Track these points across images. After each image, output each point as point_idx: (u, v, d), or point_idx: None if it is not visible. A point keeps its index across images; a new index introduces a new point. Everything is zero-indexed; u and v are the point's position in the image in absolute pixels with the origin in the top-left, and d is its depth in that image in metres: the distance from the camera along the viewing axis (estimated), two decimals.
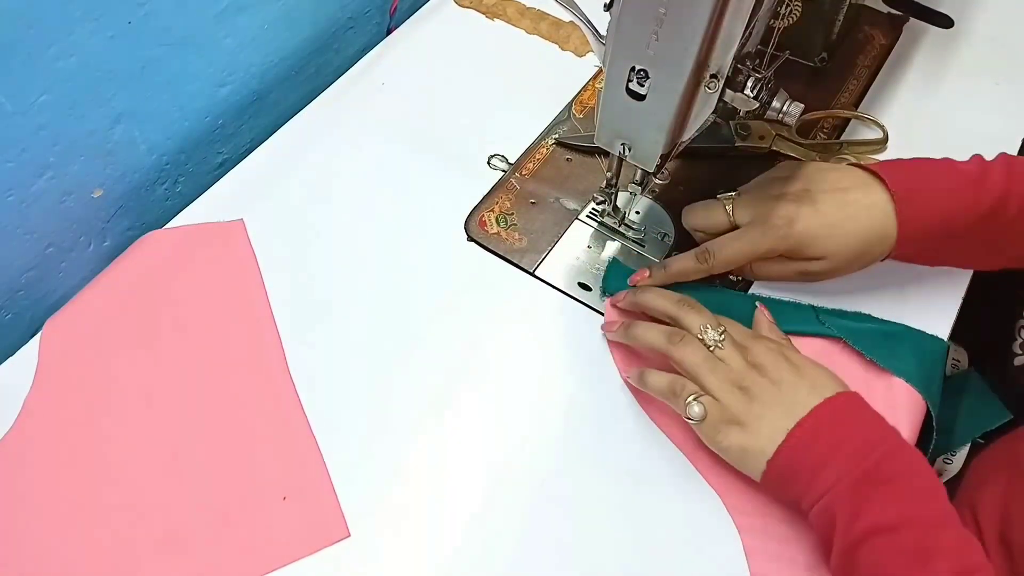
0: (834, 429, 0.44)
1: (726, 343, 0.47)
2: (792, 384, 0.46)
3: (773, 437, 0.44)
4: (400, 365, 0.54)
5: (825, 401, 0.44)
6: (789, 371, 0.46)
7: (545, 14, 0.74)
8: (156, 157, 0.62)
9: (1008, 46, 0.70)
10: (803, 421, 0.44)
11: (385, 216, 0.61)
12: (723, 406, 0.46)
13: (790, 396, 0.45)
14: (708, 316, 0.49)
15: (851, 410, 0.45)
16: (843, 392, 0.46)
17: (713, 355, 0.47)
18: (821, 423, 0.44)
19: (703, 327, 0.48)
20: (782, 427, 0.44)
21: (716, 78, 0.42)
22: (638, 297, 0.52)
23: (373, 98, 0.68)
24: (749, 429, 0.45)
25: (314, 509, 0.48)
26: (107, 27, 0.53)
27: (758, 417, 0.45)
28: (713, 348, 0.47)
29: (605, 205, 0.58)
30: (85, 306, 0.56)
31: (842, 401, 0.45)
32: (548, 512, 0.48)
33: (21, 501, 0.49)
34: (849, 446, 0.43)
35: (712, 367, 0.47)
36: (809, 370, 0.47)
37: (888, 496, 0.41)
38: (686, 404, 0.46)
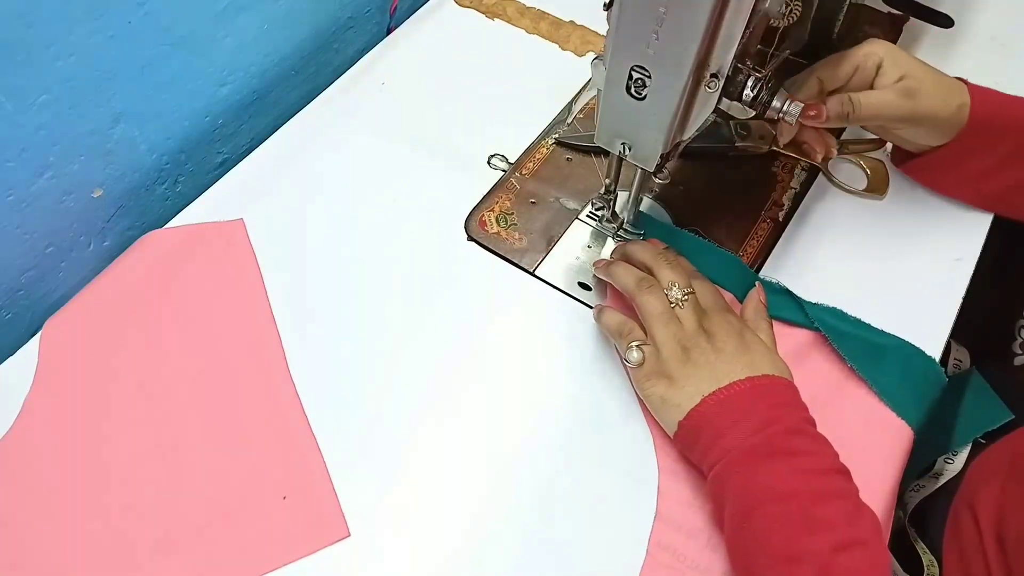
0: (743, 402, 0.45)
1: (688, 304, 0.49)
2: (731, 356, 0.47)
3: (692, 398, 0.46)
4: (400, 364, 0.54)
5: (748, 378, 0.46)
6: (735, 346, 0.48)
7: (545, 13, 0.74)
8: (156, 157, 0.62)
9: (1008, 46, 0.70)
10: (720, 390, 0.46)
11: (385, 215, 0.61)
12: (661, 359, 0.48)
13: (724, 367, 0.47)
14: (680, 274, 0.51)
15: (770, 390, 0.46)
16: (773, 375, 0.46)
17: (672, 311, 0.49)
18: (735, 394, 0.45)
19: (671, 283, 0.50)
20: (702, 390, 0.46)
21: (716, 78, 0.42)
22: (626, 248, 0.54)
23: (373, 98, 0.68)
24: (675, 385, 0.47)
25: (314, 509, 0.48)
26: (107, 27, 0.53)
27: (687, 376, 0.47)
28: (674, 305, 0.49)
29: (604, 211, 0.58)
30: (85, 306, 0.56)
31: (766, 381, 0.46)
32: (548, 512, 0.48)
33: (21, 501, 0.49)
34: (753, 419, 0.44)
35: (666, 321, 0.49)
36: (756, 350, 0.48)
37: (779, 468, 0.43)
38: (627, 347, 0.49)
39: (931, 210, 0.61)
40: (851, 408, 0.51)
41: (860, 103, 0.52)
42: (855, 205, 0.61)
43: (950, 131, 0.54)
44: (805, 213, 0.61)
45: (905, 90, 0.52)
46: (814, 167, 0.63)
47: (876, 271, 0.57)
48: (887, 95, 0.52)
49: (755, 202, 0.61)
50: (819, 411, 0.47)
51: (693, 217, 0.60)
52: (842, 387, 0.52)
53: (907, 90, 0.52)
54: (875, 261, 0.58)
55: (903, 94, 0.52)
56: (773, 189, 0.62)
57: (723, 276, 0.56)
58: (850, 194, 0.62)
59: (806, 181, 0.62)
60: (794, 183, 0.62)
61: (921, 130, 0.55)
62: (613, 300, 0.55)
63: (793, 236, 0.60)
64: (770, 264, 0.58)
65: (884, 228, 0.60)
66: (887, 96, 0.52)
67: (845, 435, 0.46)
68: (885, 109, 0.53)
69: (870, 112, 0.53)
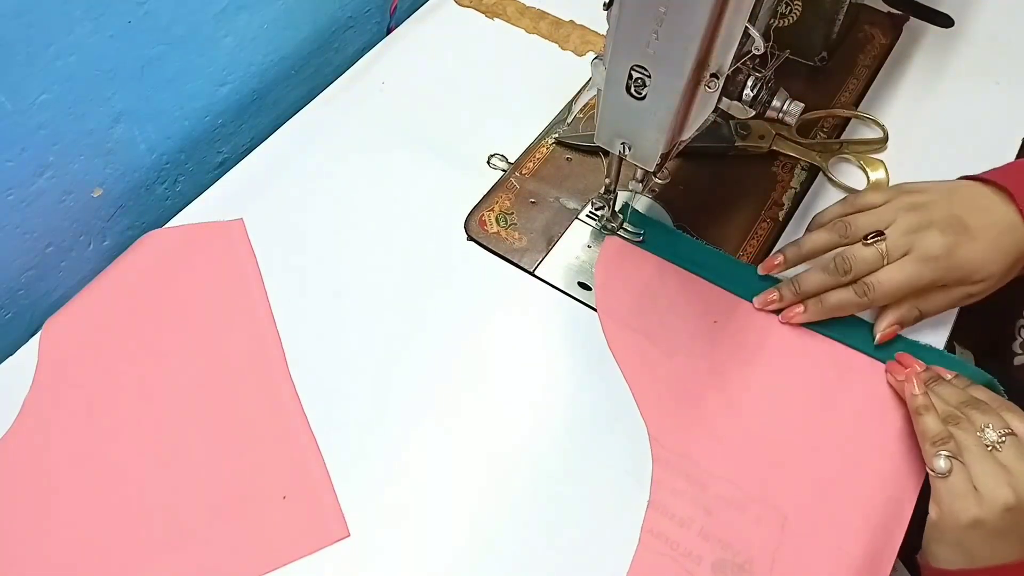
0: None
1: (1008, 447, 0.45)
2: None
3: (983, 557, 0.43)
4: (400, 364, 0.54)
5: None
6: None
7: (545, 13, 0.74)
8: (156, 156, 0.62)
9: (1008, 46, 0.70)
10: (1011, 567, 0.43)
11: (385, 215, 0.61)
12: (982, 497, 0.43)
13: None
14: (993, 414, 0.47)
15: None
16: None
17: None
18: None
19: (984, 425, 0.46)
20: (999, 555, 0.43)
21: (716, 77, 0.42)
22: (932, 387, 0.50)
23: (373, 97, 0.68)
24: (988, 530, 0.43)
25: (314, 508, 0.48)
26: (107, 26, 0.53)
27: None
28: (990, 448, 0.45)
29: (604, 211, 0.58)
30: (85, 306, 0.56)
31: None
32: (548, 512, 0.48)
33: (21, 501, 0.48)
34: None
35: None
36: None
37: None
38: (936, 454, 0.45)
39: None
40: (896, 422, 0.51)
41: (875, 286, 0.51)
42: None
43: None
44: (805, 213, 0.61)
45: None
46: (814, 167, 0.63)
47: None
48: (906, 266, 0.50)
49: (755, 202, 0.61)
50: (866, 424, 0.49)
51: (693, 217, 0.60)
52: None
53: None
54: None
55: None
56: (773, 189, 0.62)
57: (724, 277, 0.56)
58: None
59: (806, 181, 0.62)
60: (794, 183, 0.62)
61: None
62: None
63: (793, 236, 0.59)
64: None
65: None
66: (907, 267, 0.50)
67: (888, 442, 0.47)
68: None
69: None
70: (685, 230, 0.59)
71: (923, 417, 0.47)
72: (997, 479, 0.43)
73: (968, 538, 0.43)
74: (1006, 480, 0.43)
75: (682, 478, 0.49)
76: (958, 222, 0.50)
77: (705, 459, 0.49)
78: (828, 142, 0.64)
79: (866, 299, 0.51)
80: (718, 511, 0.47)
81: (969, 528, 0.43)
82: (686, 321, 0.55)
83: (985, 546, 0.43)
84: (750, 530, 0.47)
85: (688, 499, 0.48)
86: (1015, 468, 0.43)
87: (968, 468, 0.44)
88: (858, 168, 0.63)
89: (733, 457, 0.49)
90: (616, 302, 0.55)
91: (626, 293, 0.56)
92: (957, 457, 0.44)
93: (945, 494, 0.44)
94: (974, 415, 0.46)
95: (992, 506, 0.43)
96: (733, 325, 0.54)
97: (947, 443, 0.45)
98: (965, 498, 0.43)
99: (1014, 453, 0.44)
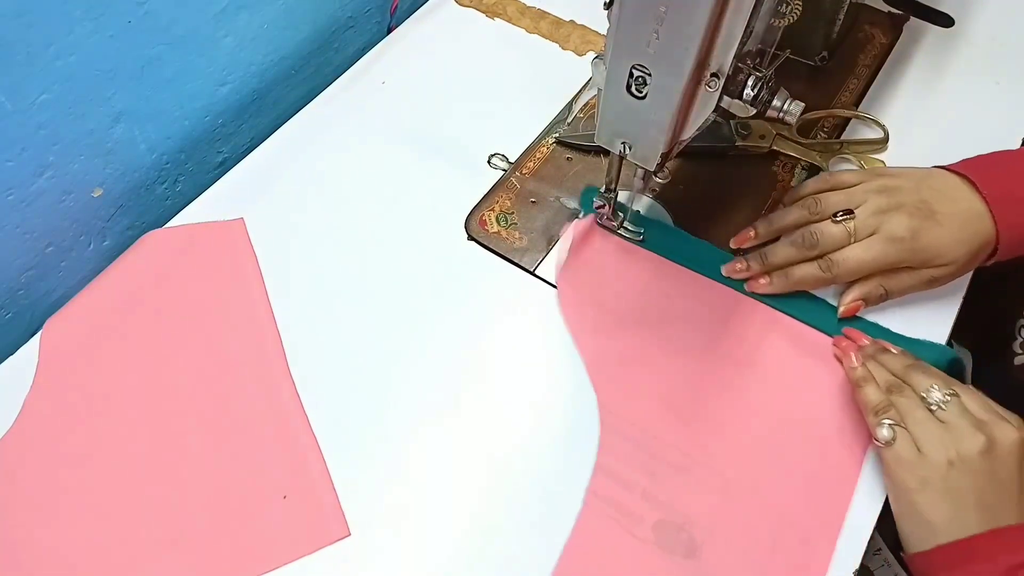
0: (988, 564, 0.42)
1: (952, 406, 0.45)
2: (1004, 486, 0.44)
3: (948, 532, 0.43)
4: (400, 364, 0.54)
5: (1011, 529, 0.43)
6: (1011, 472, 0.44)
7: (545, 13, 0.74)
8: (156, 156, 0.62)
9: (1008, 46, 0.70)
10: (979, 537, 0.43)
11: (385, 215, 0.61)
12: (926, 460, 0.44)
13: (993, 501, 0.43)
14: (937, 376, 0.48)
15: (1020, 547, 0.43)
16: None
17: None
18: (985, 551, 0.43)
19: (929, 386, 0.46)
20: (965, 527, 0.43)
21: (716, 77, 0.42)
22: (876, 357, 0.51)
23: (373, 97, 0.68)
24: (937, 496, 0.44)
25: (314, 508, 0.48)
26: (107, 26, 0.52)
27: (952, 493, 0.43)
28: (935, 408, 0.46)
29: (604, 208, 0.58)
30: (85, 306, 0.56)
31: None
32: (548, 511, 0.48)
33: (21, 501, 0.48)
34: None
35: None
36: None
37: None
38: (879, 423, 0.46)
39: None
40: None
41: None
42: None
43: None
44: None
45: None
46: (814, 167, 0.63)
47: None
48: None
49: (755, 202, 0.61)
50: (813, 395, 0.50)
51: (693, 217, 0.60)
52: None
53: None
54: None
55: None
56: (773, 189, 0.62)
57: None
58: None
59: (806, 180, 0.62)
60: (794, 183, 0.62)
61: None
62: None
63: None
64: None
65: None
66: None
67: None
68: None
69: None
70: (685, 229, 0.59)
71: (863, 389, 0.48)
72: (939, 437, 0.44)
73: (922, 503, 0.44)
74: (949, 438, 0.44)
75: (629, 443, 0.50)
76: (926, 207, 0.51)
77: (653, 425, 0.51)
78: (828, 142, 0.64)
79: (829, 274, 0.52)
80: (662, 475, 0.49)
81: (919, 491, 0.44)
82: (641, 294, 0.56)
83: (940, 510, 0.44)
84: (693, 493, 0.48)
85: (634, 463, 0.49)
86: (957, 424, 0.44)
87: (911, 433, 0.45)
88: (859, 168, 0.63)
89: (680, 423, 0.51)
90: (575, 275, 0.56)
91: (586, 268, 0.57)
92: (900, 424, 0.45)
93: (892, 462, 0.45)
94: (918, 377, 0.47)
95: (936, 464, 0.43)
96: (702, 306, 0.55)
97: (888, 411, 0.46)
98: (911, 462, 0.44)
99: (956, 410, 0.45)
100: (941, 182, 0.53)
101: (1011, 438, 0.44)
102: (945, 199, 0.51)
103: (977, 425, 0.44)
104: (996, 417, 0.45)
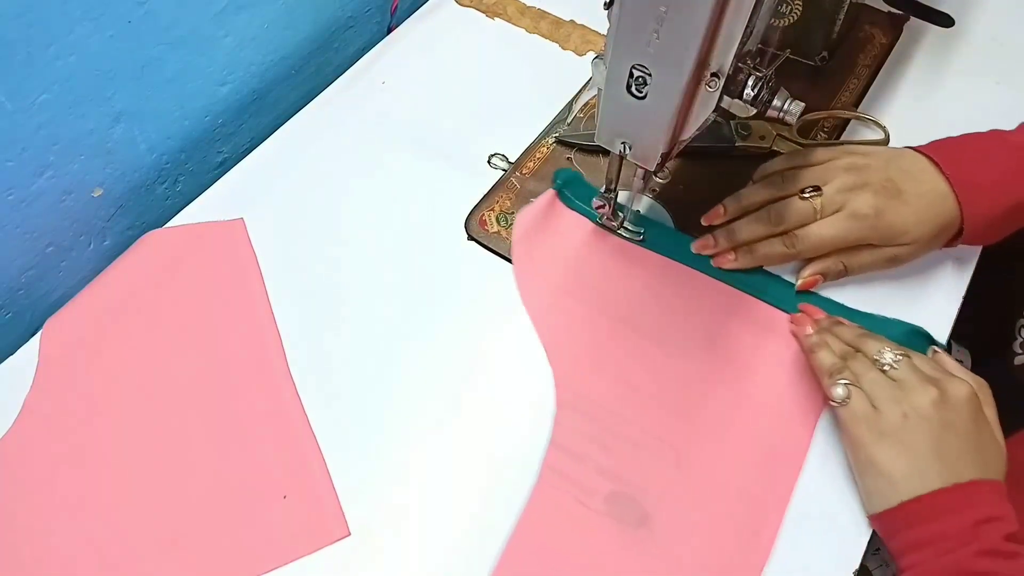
0: (952, 517, 0.43)
1: (903, 365, 0.47)
2: (961, 442, 0.45)
3: (909, 487, 0.44)
4: (400, 364, 0.54)
5: (973, 483, 0.44)
6: (966, 428, 0.45)
7: (545, 13, 0.74)
8: (156, 156, 0.62)
9: (1008, 46, 0.70)
10: (942, 492, 0.43)
11: (385, 215, 0.61)
12: (883, 418, 0.45)
13: (951, 455, 0.44)
14: (886, 341, 0.49)
15: (983, 503, 0.44)
16: (997, 481, 0.45)
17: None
18: (947, 507, 0.43)
19: (880, 350, 0.48)
20: (926, 483, 0.44)
21: (717, 77, 0.42)
22: (831, 329, 0.52)
23: (373, 97, 0.68)
24: (893, 454, 0.45)
25: (314, 508, 0.48)
26: (107, 26, 0.52)
27: (909, 453, 0.44)
28: (887, 368, 0.47)
29: (604, 209, 0.58)
30: (85, 306, 0.56)
31: (984, 492, 0.44)
32: None
33: (21, 501, 0.48)
34: (953, 538, 0.43)
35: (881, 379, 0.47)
36: (990, 444, 0.46)
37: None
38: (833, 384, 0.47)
39: None
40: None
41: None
42: None
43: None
44: None
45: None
46: None
47: (876, 271, 0.57)
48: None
49: None
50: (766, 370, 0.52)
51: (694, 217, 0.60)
52: None
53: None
54: None
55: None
56: None
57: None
58: None
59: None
60: None
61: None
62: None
63: None
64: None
65: None
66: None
67: None
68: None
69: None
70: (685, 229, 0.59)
71: (817, 354, 0.50)
72: (892, 393, 0.46)
73: (880, 456, 0.45)
74: (901, 393, 0.45)
75: (583, 418, 0.51)
76: (892, 186, 0.52)
77: (608, 400, 0.52)
78: (829, 143, 0.64)
79: (793, 250, 0.53)
80: (616, 448, 0.50)
81: (876, 444, 0.45)
82: (599, 272, 0.57)
83: (898, 463, 0.44)
84: (645, 466, 0.49)
85: (588, 437, 0.50)
86: (909, 379, 0.46)
87: (865, 391, 0.46)
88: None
89: (635, 398, 0.51)
90: (533, 255, 0.57)
91: (545, 247, 0.58)
92: (855, 384, 0.47)
93: (848, 419, 0.47)
94: (870, 343, 0.49)
95: (891, 418, 0.45)
96: (670, 291, 0.56)
97: (842, 372, 0.48)
98: (866, 417, 0.46)
99: (908, 368, 0.47)
100: (909, 162, 0.53)
101: (962, 390, 0.45)
102: (911, 179, 0.52)
103: (929, 380, 0.46)
104: (946, 374, 0.47)
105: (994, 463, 0.45)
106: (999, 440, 0.46)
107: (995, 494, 0.44)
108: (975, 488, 0.44)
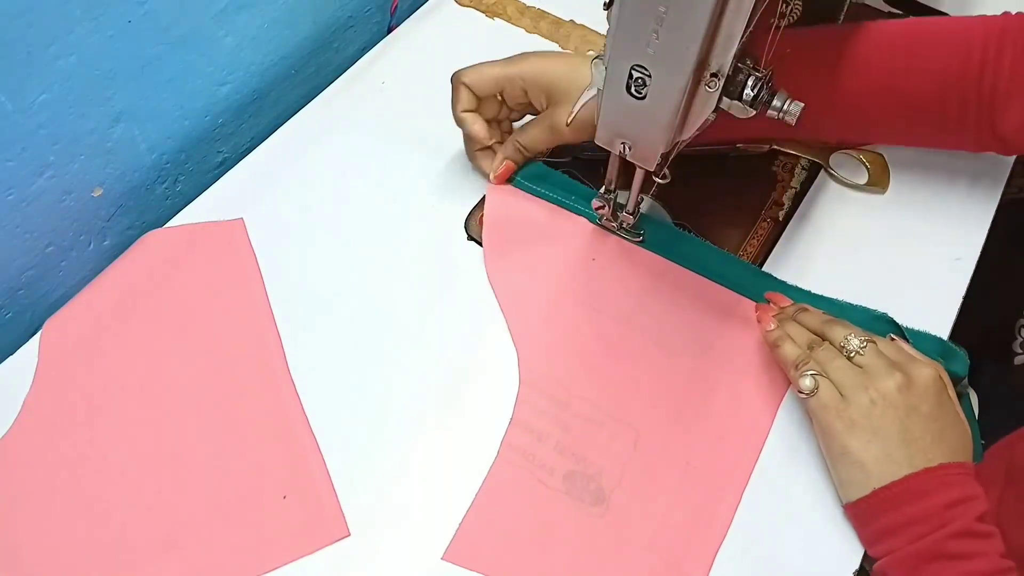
0: (924, 501, 0.44)
1: (869, 351, 0.47)
2: (925, 429, 0.45)
3: (880, 475, 0.45)
4: (400, 364, 0.54)
5: (942, 467, 0.44)
6: (931, 411, 0.46)
7: (545, 13, 0.74)
8: (156, 156, 0.62)
9: None
10: (913, 476, 0.44)
11: (385, 215, 0.61)
12: (850, 405, 0.46)
13: (918, 442, 0.45)
14: (851, 326, 0.50)
15: (954, 486, 0.44)
16: (964, 464, 0.45)
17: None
18: (919, 491, 0.44)
19: (846, 336, 0.48)
20: (896, 470, 0.44)
21: (716, 77, 0.42)
22: (795, 317, 0.52)
23: (373, 97, 0.68)
24: (862, 442, 0.45)
25: (314, 508, 0.48)
26: (107, 26, 0.52)
27: (877, 441, 0.45)
28: (853, 354, 0.48)
29: (604, 209, 0.58)
30: (85, 306, 0.56)
31: (954, 475, 0.45)
32: None
33: (21, 501, 0.48)
34: (926, 522, 0.43)
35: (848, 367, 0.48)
36: (954, 427, 0.46)
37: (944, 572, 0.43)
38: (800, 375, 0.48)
39: (931, 209, 0.61)
40: None
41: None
42: (855, 204, 0.61)
43: None
44: (805, 212, 0.61)
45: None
46: (815, 165, 0.63)
47: (876, 271, 0.57)
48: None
49: (755, 202, 0.61)
50: (727, 353, 0.52)
51: (693, 217, 0.60)
52: None
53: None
54: (875, 261, 0.58)
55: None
56: (773, 189, 0.62)
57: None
58: (851, 189, 0.62)
59: (806, 180, 0.62)
60: (794, 182, 0.62)
61: None
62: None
63: (793, 236, 0.60)
64: (770, 264, 0.58)
65: (884, 228, 0.60)
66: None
67: None
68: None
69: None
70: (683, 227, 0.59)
71: (781, 348, 0.50)
72: (859, 380, 0.46)
73: (852, 445, 0.45)
74: (867, 379, 0.46)
75: (545, 397, 0.52)
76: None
77: (569, 380, 0.52)
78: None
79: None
80: (576, 428, 0.51)
81: (848, 433, 0.45)
82: (565, 255, 0.57)
83: (870, 450, 0.45)
84: (604, 446, 0.50)
85: (549, 417, 0.51)
86: (874, 365, 0.46)
87: (832, 380, 0.47)
88: (858, 163, 0.63)
89: (596, 379, 0.52)
90: (502, 239, 0.58)
91: (513, 231, 0.58)
92: (821, 374, 0.47)
93: (818, 409, 0.47)
94: (836, 329, 0.49)
95: (859, 405, 0.45)
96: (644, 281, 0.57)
97: (808, 364, 0.48)
98: (836, 407, 0.46)
99: (873, 354, 0.47)
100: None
101: (927, 374, 0.46)
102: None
103: (893, 365, 0.46)
104: (911, 359, 0.47)
105: (961, 445, 0.46)
106: (964, 422, 0.47)
107: (964, 475, 0.45)
108: (944, 471, 0.44)
